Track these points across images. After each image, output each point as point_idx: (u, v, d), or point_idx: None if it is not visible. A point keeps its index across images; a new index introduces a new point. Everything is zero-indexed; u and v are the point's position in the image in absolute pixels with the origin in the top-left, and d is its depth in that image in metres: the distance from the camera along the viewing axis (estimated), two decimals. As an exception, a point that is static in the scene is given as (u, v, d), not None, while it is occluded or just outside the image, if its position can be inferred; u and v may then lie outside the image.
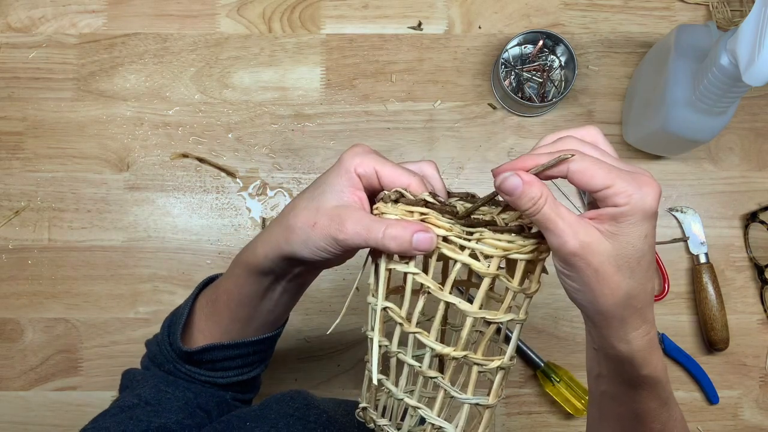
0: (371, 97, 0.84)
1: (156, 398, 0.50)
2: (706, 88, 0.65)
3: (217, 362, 0.52)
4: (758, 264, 0.82)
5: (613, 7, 0.85)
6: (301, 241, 0.43)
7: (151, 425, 0.47)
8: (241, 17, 0.85)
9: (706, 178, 0.84)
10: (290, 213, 0.44)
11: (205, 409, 0.51)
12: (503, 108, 0.84)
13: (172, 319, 0.54)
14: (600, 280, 0.37)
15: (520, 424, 0.83)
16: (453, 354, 0.40)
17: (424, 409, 0.42)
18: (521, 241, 0.38)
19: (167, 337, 0.53)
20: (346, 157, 0.43)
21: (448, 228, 0.39)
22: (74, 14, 0.85)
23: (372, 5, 0.85)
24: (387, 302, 0.42)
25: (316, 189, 0.44)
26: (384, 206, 0.42)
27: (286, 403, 0.48)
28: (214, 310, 0.52)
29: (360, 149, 0.43)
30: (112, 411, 0.49)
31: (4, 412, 0.83)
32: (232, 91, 0.84)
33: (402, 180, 0.42)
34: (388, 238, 0.40)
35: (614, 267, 0.37)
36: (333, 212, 0.42)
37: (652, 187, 0.37)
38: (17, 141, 0.84)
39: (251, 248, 0.48)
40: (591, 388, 0.48)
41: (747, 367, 0.83)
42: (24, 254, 0.83)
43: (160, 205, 0.84)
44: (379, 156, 0.43)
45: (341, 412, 0.52)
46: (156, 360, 0.54)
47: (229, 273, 0.51)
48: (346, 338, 0.83)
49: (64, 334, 0.83)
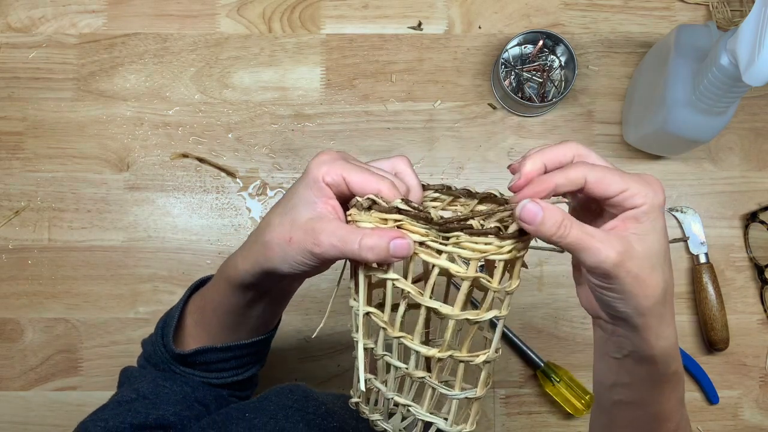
0: (371, 97, 0.84)
1: (154, 392, 0.50)
2: (706, 88, 0.65)
3: (211, 364, 0.52)
4: (758, 264, 0.82)
5: (613, 7, 0.85)
6: (280, 258, 0.42)
7: (149, 417, 0.48)
8: (241, 17, 0.85)
9: (706, 178, 0.84)
10: (266, 229, 0.43)
11: (203, 403, 0.52)
12: (503, 108, 0.84)
13: (165, 321, 0.55)
14: (641, 282, 0.38)
15: (520, 424, 0.83)
16: (438, 355, 0.40)
17: (413, 406, 0.42)
18: (498, 242, 0.38)
19: (161, 338, 0.53)
20: (313, 167, 0.42)
21: (424, 233, 0.39)
22: (74, 14, 0.85)
23: (372, 5, 0.85)
24: (369, 308, 0.42)
25: (288, 202, 0.43)
26: (357, 214, 0.41)
27: (285, 396, 0.49)
28: (202, 318, 0.53)
29: (326, 156, 0.42)
30: (110, 405, 0.50)
31: (4, 412, 0.83)
32: (232, 91, 0.84)
33: (371, 186, 0.41)
34: (364, 249, 0.39)
35: (649, 267, 0.38)
36: (307, 225, 0.41)
37: (658, 184, 0.39)
38: (17, 141, 0.84)
39: (232, 263, 0.47)
40: (602, 399, 0.48)
41: (747, 367, 0.83)
42: (24, 254, 0.83)
43: (160, 205, 0.84)
44: (347, 161, 0.42)
45: (340, 404, 0.52)
46: (151, 360, 0.54)
47: (215, 283, 0.51)
48: (346, 338, 0.83)
49: (64, 334, 0.83)
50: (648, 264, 0.38)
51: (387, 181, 0.41)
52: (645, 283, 0.38)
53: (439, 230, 0.39)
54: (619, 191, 0.38)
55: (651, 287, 0.38)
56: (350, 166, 0.41)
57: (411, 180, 0.44)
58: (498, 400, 0.83)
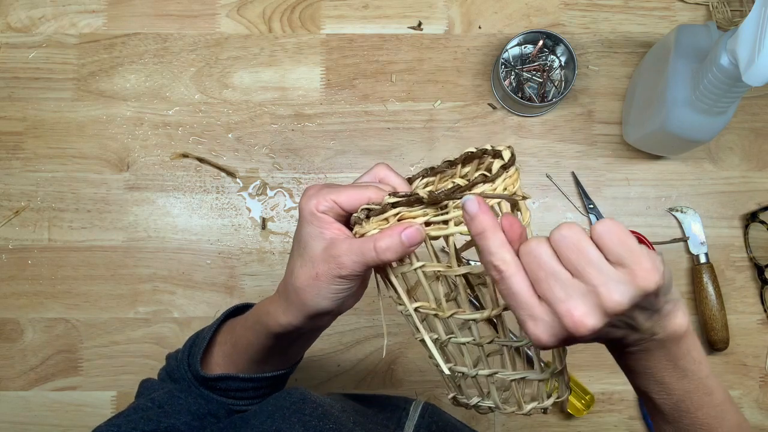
0: (371, 97, 0.84)
1: (168, 402, 0.51)
2: (706, 88, 0.65)
3: (231, 391, 0.54)
4: (758, 264, 0.82)
5: (613, 7, 0.85)
6: (316, 296, 0.44)
7: (161, 425, 0.48)
8: (241, 17, 0.85)
9: (706, 178, 0.84)
10: (292, 277, 0.45)
11: (215, 416, 0.53)
12: (503, 108, 0.84)
13: (194, 341, 0.56)
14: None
15: (520, 424, 0.83)
16: (493, 313, 0.41)
17: (501, 371, 0.43)
18: (489, 186, 0.39)
19: (186, 357, 0.55)
20: (303, 205, 0.44)
21: (424, 213, 0.41)
22: (74, 14, 0.85)
23: (372, 5, 0.85)
24: (416, 303, 0.43)
25: (299, 245, 0.45)
26: (361, 228, 0.44)
27: (282, 398, 0.50)
28: (233, 351, 0.54)
29: (312, 191, 0.45)
30: (126, 412, 0.51)
31: (4, 412, 0.83)
32: (232, 91, 0.84)
33: (361, 198, 0.43)
34: (381, 252, 0.41)
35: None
36: (325, 255, 0.43)
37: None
38: (17, 141, 0.84)
39: (272, 316, 0.48)
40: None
41: (747, 367, 0.83)
42: (24, 254, 0.83)
43: (160, 205, 0.84)
44: (332, 187, 0.44)
45: (338, 407, 0.52)
46: (173, 375, 0.56)
47: (252, 327, 0.52)
48: (346, 338, 0.83)
49: (64, 334, 0.83)
50: None
51: (371, 187, 0.43)
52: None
53: (436, 204, 0.40)
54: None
55: None
56: (336, 189, 0.44)
57: (394, 180, 0.46)
58: (498, 400, 0.83)
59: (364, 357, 0.83)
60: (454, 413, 0.68)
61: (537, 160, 0.84)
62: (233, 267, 0.83)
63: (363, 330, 0.82)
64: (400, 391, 0.83)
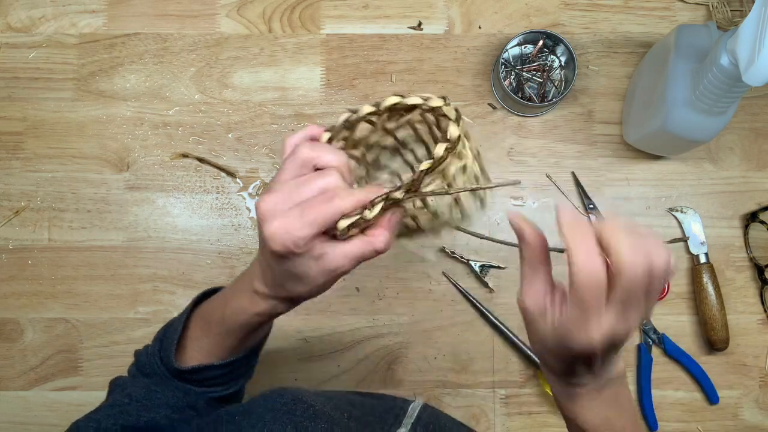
0: (371, 97, 0.84)
1: (146, 396, 0.51)
2: (706, 88, 0.65)
3: (208, 380, 0.54)
4: (758, 264, 0.82)
5: (613, 7, 0.85)
6: (316, 294, 0.46)
7: (141, 419, 0.49)
8: (241, 17, 0.85)
9: (706, 178, 0.84)
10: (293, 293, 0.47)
11: (194, 407, 0.53)
12: (503, 108, 0.84)
13: (164, 333, 0.55)
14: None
15: (520, 424, 0.83)
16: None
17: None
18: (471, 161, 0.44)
19: (158, 351, 0.54)
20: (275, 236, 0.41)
21: (401, 196, 0.42)
22: (74, 14, 0.85)
23: (372, 5, 0.85)
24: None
25: (288, 277, 0.45)
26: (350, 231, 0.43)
27: (273, 399, 0.50)
28: (207, 340, 0.54)
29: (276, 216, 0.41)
30: (103, 408, 0.51)
31: (4, 412, 0.83)
32: (232, 91, 0.84)
33: (335, 215, 0.41)
34: (382, 249, 0.43)
35: None
36: (323, 271, 0.43)
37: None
38: (17, 141, 0.84)
39: (252, 308, 0.49)
40: None
41: (747, 367, 0.83)
42: (24, 254, 0.83)
43: (160, 205, 0.84)
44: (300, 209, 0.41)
45: (331, 405, 0.52)
46: (144, 371, 0.55)
47: (228, 315, 0.51)
48: (346, 338, 0.83)
49: (64, 334, 0.83)
50: None
51: (335, 198, 0.41)
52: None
53: (409, 189, 0.42)
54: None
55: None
56: (300, 222, 0.40)
57: (325, 158, 0.43)
58: (498, 400, 0.83)
59: (364, 357, 0.83)
60: (454, 414, 0.68)
61: (537, 160, 0.84)
62: (233, 267, 0.83)
63: (363, 330, 0.82)
64: (400, 391, 0.83)
